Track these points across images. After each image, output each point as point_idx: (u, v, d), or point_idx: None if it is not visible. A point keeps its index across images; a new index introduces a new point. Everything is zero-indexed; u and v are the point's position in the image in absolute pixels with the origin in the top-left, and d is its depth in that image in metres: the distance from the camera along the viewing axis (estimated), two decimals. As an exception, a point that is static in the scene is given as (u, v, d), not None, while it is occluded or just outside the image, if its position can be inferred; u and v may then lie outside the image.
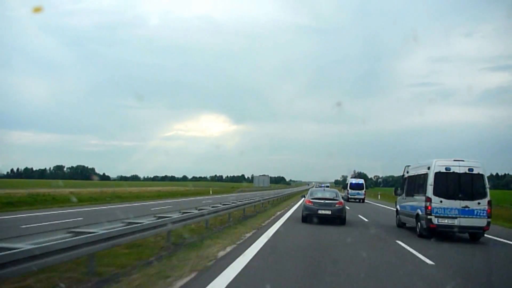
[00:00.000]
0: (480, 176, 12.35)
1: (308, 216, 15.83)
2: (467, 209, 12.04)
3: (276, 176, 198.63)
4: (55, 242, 5.44)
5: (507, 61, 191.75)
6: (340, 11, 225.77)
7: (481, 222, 12.05)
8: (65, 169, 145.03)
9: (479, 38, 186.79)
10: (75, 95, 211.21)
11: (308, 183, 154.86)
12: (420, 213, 13.04)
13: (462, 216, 12.06)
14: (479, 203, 12.13)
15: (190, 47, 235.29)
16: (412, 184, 14.84)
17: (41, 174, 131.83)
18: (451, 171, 12.38)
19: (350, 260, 8.73)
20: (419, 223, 13.22)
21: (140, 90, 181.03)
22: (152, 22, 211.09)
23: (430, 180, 12.37)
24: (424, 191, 12.72)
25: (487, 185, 12.40)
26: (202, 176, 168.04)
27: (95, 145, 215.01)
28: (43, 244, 5.18)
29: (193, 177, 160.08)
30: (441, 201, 12.23)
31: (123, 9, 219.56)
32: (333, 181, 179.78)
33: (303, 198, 17.24)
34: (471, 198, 12.17)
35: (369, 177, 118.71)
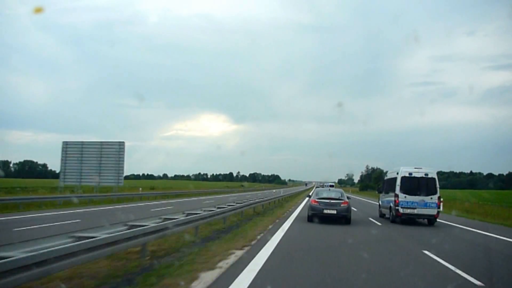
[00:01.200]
0: (433, 179, 16.66)
1: (314, 216, 16.05)
2: (423, 202, 16.44)
3: (270, 174, 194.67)
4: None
5: (510, 60, 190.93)
6: (341, 9, 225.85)
7: (433, 211, 16.49)
8: (11, 165, 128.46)
9: (482, 37, 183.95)
10: (72, 94, 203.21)
11: (306, 183, 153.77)
12: (391, 205, 17.35)
13: (420, 207, 16.66)
14: (431, 198, 16.48)
15: (189, 46, 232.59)
16: (388, 185, 18.06)
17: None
18: (412, 175, 16.73)
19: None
20: (391, 212, 17.34)
21: (140, 89, 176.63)
22: (151, 20, 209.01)
23: (398, 181, 16.69)
24: None
25: (437, 186, 16.63)
26: (185, 174, 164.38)
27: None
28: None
29: (175, 175, 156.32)
30: (405, 196, 16.57)
31: (121, 7, 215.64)
32: (337, 180, 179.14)
33: (308, 198, 17.44)
34: (426, 194, 16.53)
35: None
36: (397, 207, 16.49)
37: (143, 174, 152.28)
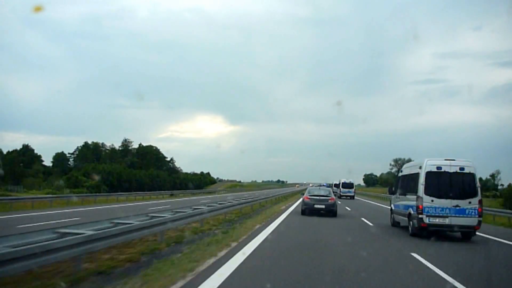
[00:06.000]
0: (471, 175, 12.45)
1: (306, 210, 19.07)
2: (458, 208, 12.17)
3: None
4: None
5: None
6: (341, 2, 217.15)
7: (472, 221, 12.15)
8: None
9: (489, 32, 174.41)
10: (59, 94, 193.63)
11: (302, 184, 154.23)
12: (412, 212, 13.02)
13: (453, 215, 12.13)
14: (470, 202, 12.24)
15: (181, 42, 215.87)
16: (405, 183, 14.73)
17: None
18: (442, 170, 12.47)
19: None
20: (411, 222, 13.20)
21: (131, 89, 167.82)
22: (141, 15, 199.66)
23: (422, 179, 12.45)
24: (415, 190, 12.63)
25: (478, 184, 12.49)
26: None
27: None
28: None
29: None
30: (432, 200, 12.29)
31: (108, 0, 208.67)
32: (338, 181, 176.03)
33: (303, 196, 20.71)
34: (462, 197, 12.29)
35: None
36: (420, 216, 12.40)
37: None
